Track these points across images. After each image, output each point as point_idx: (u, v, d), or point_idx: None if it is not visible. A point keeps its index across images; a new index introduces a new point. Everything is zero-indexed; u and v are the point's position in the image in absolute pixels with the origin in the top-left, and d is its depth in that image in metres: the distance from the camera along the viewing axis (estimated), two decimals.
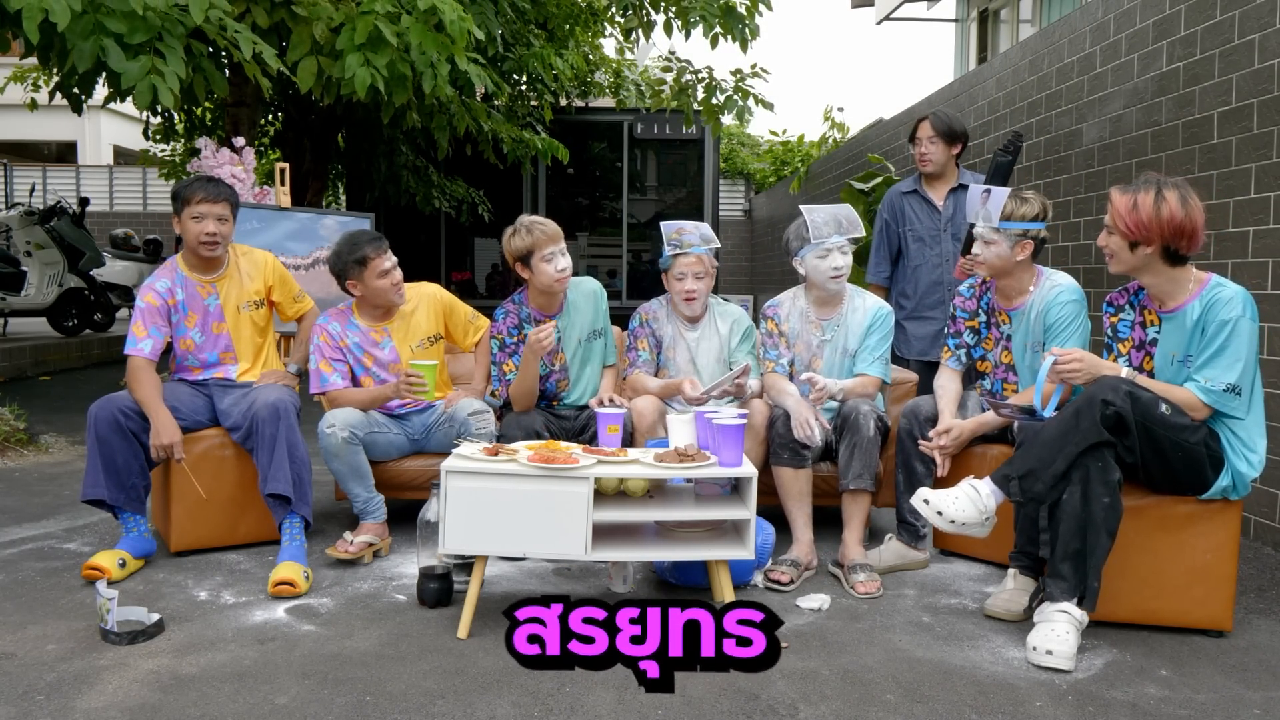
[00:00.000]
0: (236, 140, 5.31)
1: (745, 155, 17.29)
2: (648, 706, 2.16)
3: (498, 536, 2.55)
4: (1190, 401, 2.53)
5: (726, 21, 7.16)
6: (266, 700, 2.18)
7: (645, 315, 3.57)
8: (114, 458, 3.04)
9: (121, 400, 3.09)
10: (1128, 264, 2.61)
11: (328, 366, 3.29)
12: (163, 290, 3.24)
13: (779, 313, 3.45)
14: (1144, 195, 2.53)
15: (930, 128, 4.03)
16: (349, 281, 3.26)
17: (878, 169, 7.44)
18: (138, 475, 3.09)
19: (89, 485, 3.05)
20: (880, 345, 3.33)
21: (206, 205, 3.16)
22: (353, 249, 3.22)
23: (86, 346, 9.07)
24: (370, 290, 3.26)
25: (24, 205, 9.89)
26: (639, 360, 3.51)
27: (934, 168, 4.07)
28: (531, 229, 3.30)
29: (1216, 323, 2.51)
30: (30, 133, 20.58)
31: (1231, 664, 2.47)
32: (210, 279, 3.29)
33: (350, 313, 3.37)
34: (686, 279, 3.38)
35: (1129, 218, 2.54)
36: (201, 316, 3.29)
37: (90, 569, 2.92)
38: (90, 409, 3.08)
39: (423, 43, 4.98)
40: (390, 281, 3.25)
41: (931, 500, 2.65)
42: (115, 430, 3.04)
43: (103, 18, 4.08)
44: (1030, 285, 3.10)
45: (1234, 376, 2.50)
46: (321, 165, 9.69)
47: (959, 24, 12.98)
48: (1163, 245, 2.53)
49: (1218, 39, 3.86)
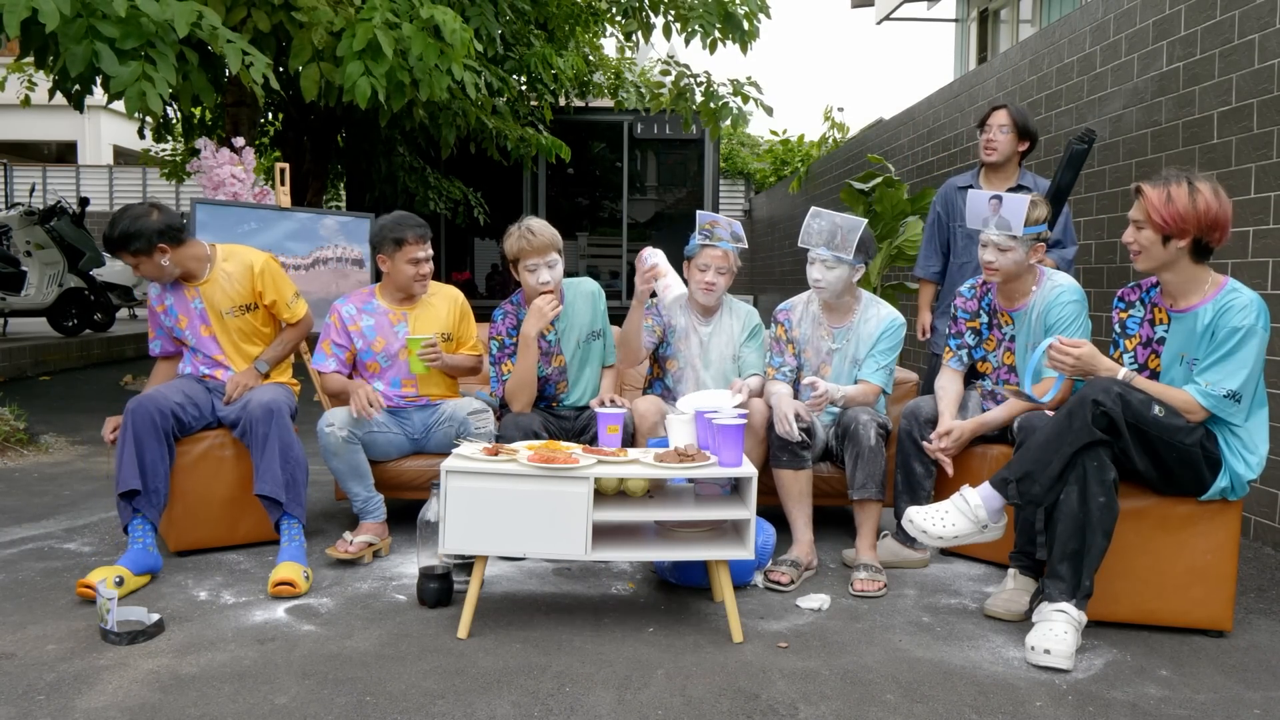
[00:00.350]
0: (236, 140, 5.31)
1: (745, 155, 17.31)
2: (648, 706, 2.16)
3: (498, 536, 2.55)
4: (1188, 404, 2.52)
5: (725, 27, 7.20)
6: (266, 700, 2.18)
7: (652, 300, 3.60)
8: (145, 455, 3.01)
9: (161, 400, 3.09)
10: (1158, 260, 2.55)
11: (329, 348, 3.36)
12: (154, 295, 3.35)
13: (790, 318, 3.43)
14: (1177, 188, 2.48)
15: (1007, 115, 3.91)
16: (380, 255, 3.33)
17: (878, 169, 7.43)
18: (161, 480, 3.05)
19: (126, 477, 2.97)
20: (886, 355, 3.32)
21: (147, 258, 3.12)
22: (396, 227, 3.29)
23: (86, 346, 9.07)
24: (396, 272, 3.32)
25: (24, 205, 9.89)
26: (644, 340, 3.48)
27: (999, 157, 3.93)
28: (524, 236, 3.29)
29: (1228, 328, 2.48)
30: (30, 133, 20.58)
31: (1231, 664, 2.47)
32: (191, 284, 3.29)
33: (374, 294, 3.42)
34: (709, 270, 3.39)
35: (1164, 210, 2.48)
36: (191, 319, 3.30)
37: (84, 587, 2.77)
38: (128, 404, 3.06)
39: (423, 53, 5.00)
40: (418, 271, 3.32)
41: (916, 520, 2.63)
42: (151, 429, 3.03)
43: (96, 22, 4.09)
44: (1033, 286, 3.10)
45: (1236, 384, 2.48)
46: (321, 165, 9.69)
47: (959, 24, 12.98)
48: (1195, 238, 2.49)
49: (1218, 39, 3.86)
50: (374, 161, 10.36)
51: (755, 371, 3.46)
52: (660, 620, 2.71)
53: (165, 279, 3.24)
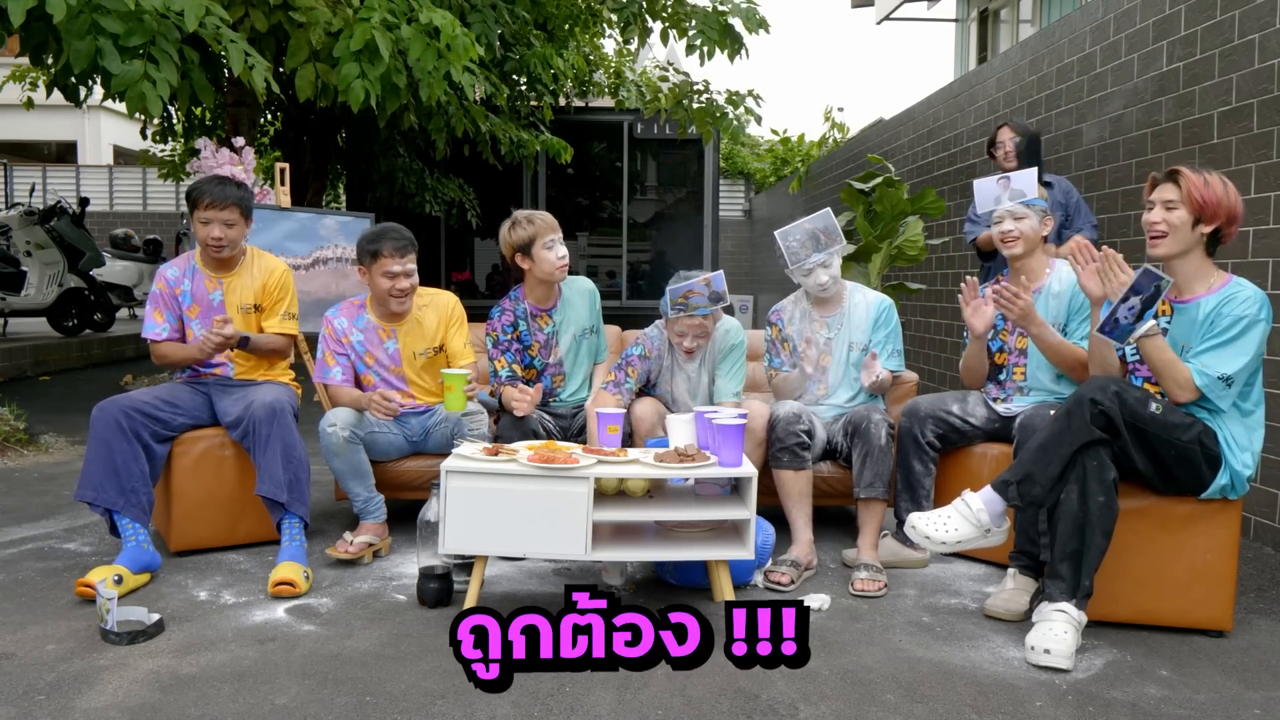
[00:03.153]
0: (236, 140, 5.30)
1: (745, 155, 17.30)
2: (648, 706, 2.16)
3: (498, 536, 2.55)
4: (1185, 380, 2.52)
5: (722, 39, 7.25)
6: (266, 700, 2.18)
7: (648, 350, 3.42)
8: (113, 458, 2.99)
9: (125, 401, 3.08)
10: (1183, 242, 2.59)
11: (331, 359, 3.31)
12: (171, 278, 3.33)
13: (782, 318, 3.49)
14: (1210, 175, 2.57)
15: (1010, 131, 4.43)
16: (360, 267, 3.29)
17: (878, 169, 7.43)
18: (139, 480, 3.02)
19: (83, 486, 2.99)
20: (890, 340, 3.38)
21: (213, 211, 3.19)
22: (374, 239, 3.21)
23: (86, 346, 9.07)
24: (373, 285, 3.26)
25: (24, 205, 9.88)
26: (620, 385, 3.36)
27: (1016, 165, 4.36)
28: (532, 219, 3.36)
29: (1231, 317, 2.51)
30: (30, 133, 20.59)
31: (1231, 664, 2.47)
32: (219, 275, 3.33)
33: (364, 307, 3.37)
34: (687, 337, 3.27)
35: (1204, 192, 2.54)
36: (204, 309, 3.31)
37: (84, 586, 2.77)
38: (93, 409, 3.07)
39: (421, 56, 5.00)
40: (394, 285, 3.20)
41: (918, 526, 2.64)
42: (116, 431, 3.01)
43: (99, 17, 4.08)
44: (1046, 269, 3.18)
45: (1231, 369, 2.49)
46: (321, 165, 9.69)
47: (959, 24, 12.98)
48: (1218, 227, 2.56)
49: (1218, 39, 3.86)
50: (374, 162, 10.35)
51: (728, 399, 3.37)
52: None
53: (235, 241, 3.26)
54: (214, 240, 3.21)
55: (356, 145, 10.51)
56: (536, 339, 3.49)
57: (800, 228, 3.30)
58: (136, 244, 11.65)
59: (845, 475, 3.32)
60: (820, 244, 3.27)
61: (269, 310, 3.38)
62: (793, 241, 3.30)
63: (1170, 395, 2.56)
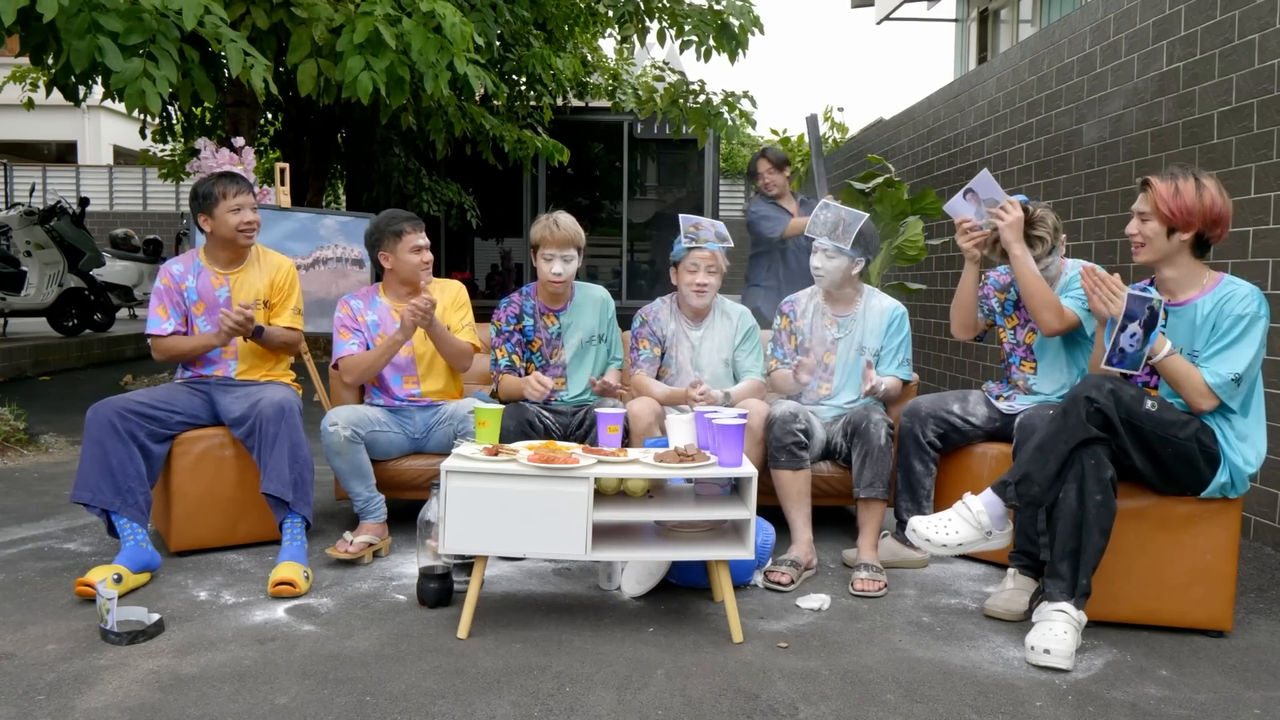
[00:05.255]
0: (236, 140, 5.30)
1: (745, 155, 17.31)
2: (648, 706, 2.16)
3: (497, 536, 2.55)
4: (1201, 388, 2.52)
5: (719, 39, 7.26)
6: (266, 700, 2.18)
7: (646, 316, 3.61)
8: (107, 459, 2.98)
9: (119, 402, 3.07)
10: (1160, 251, 2.60)
11: (346, 334, 3.38)
12: (176, 274, 3.34)
13: (794, 309, 3.52)
14: (1184, 182, 2.54)
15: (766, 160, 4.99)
16: (381, 253, 3.37)
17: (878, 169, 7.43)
18: (135, 480, 3.00)
19: (78, 487, 2.98)
20: (901, 348, 3.40)
21: (242, 197, 3.27)
22: (391, 221, 3.36)
23: (86, 346, 9.07)
24: (400, 263, 3.36)
25: (24, 205, 9.87)
26: (640, 359, 3.55)
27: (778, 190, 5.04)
28: (550, 225, 3.41)
29: (1232, 317, 2.51)
30: (30, 133, 20.58)
31: (1231, 664, 2.47)
32: (226, 272, 3.34)
33: (376, 292, 3.47)
34: (699, 271, 3.43)
35: (1172, 203, 2.54)
36: (209, 306, 3.31)
37: (84, 586, 2.77)
38: (88, 411, 3.06)
39: (423, 47, 5.00)
40: (421, 259, 3.37)
41: (920, 529, 2.64)
42: (110, 431, 3.00)
43: (99, 16, 4.08)
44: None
45: (1240, 367, 2.50)
46: (321, 165, 9.69)
47: (959, 24, 12.98)
48: (1198, 232, 2.54)
49: (1218, 39, 3.86)
50: (373, 162, 10.35)
51: (752, 375, 3.48)
52: (660, 620, 2.71)
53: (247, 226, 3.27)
54: (247, 224, 3.28)
55: (356, 145, 10.51)
56: (539, 336, 3.53)
57: (837, 210, 3.35)
58: (136, 244, 11.64)
59: (845, 475, 3.32)
60: (836, 234, 3.32)
61: (279, 306, 3.42)
62: (824, 213, 3.36)
63: (1193, 406, 2.56)
